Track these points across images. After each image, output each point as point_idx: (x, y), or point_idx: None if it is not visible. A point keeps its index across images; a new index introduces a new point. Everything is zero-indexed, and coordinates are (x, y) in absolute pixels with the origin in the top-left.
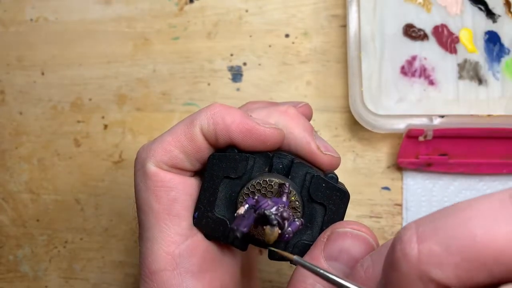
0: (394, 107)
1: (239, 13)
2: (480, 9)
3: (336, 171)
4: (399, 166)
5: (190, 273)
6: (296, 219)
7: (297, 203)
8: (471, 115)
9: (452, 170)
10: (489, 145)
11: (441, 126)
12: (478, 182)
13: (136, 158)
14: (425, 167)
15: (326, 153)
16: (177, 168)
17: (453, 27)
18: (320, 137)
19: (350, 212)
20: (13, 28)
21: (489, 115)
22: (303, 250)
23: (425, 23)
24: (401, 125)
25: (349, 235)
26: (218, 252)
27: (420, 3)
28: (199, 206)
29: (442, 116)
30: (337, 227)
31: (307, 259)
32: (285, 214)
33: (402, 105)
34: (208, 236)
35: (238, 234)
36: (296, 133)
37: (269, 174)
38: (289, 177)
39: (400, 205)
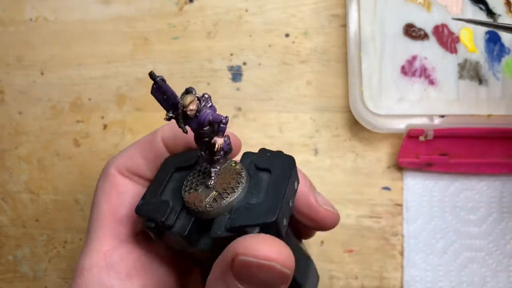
0: (394, 107)
1: (239, 13)
2: (481, 8)
3: (336, 171)
4: (399, 166)
5: (118, 276)
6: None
7: (238, 167)
8: (472, 115)
9: (453, 170)
10: (489, 145)
11: (441, 126)
12: (478, 182)
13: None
14: (426, 167)
15: (324, 206)
16: (136, 175)
17: (453, 27)
18: (320, 193)
19: (350, 212)
20: (12, 27)
21: (489, 115)
22: (246, 209)
23: (426, 22)
24: (401, 125)
25: (254, 266)
26: (152, 263)
27: (420, 2)
28: (145, 196)
29: (443, 116)
30: (241, 250)
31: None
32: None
33: (403, 105)
34: (148, 221)
35: (157, 79)
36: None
37: None
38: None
39: (401, 205)
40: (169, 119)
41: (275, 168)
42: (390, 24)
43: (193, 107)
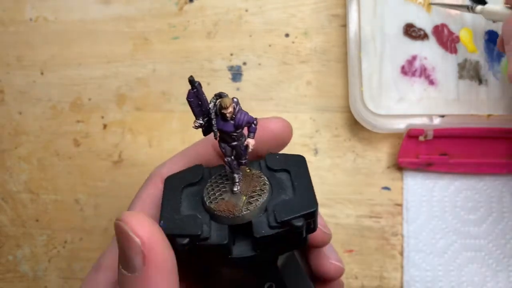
0: (394, 107)
1: (239, 13)
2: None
3: (336, 171)
4: (399, 166)
5: None
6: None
7: (256, 171)
8: (471, 115)
9: (453, 170)
10: (489, 145)
11: (441, 126)
12: (478, 182)
13: None
14: (426, 167)
15: (332, 261)
16: None
17: (453, 27)
18: (331, 244)
19: (350, 212)
20: (12, 27)
21: (489, 115)
22: (284, 205)
23: (425, 22)
24: (401, 125)
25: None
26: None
27: (420, 2)
28: (163, 215)
29: (443, 116)
30: (120, 217)
31: None
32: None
33: (402, 105)
34: (180, 238)
35: (196, 84)
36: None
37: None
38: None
39: (401, 205)
40: (198, 126)
41: (291, 167)
42: (390, 24)
43: (231, 109)
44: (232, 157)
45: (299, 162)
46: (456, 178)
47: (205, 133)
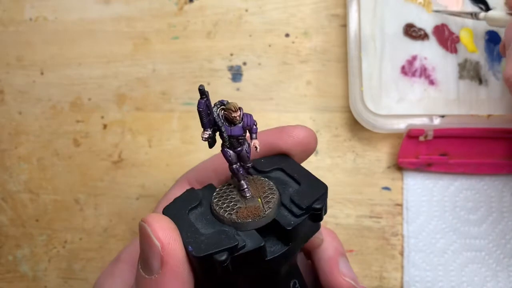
0: (394, 107)
1: (239, 13)
2: (481, 8)
3: (336, 171)
4: (399, 166)
5: None
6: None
7: (262, 179)
8: (471, 115)
9: (452, 170)
10: (489, 145)
11: (441, 126)
12: (478, 182)
13: None
14: (426, 167)
15: (346, 278)
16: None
17: (453, 27)
18: (346, 260)
19: (350, 212)
20: (12, 27)
21: (489, 115)
22: (299, 194)
23: (426, 22)
24: (401, 125)
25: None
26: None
27: (420, 2)
28: (188, 241)
29: (443, 116)
30: (143, 218)
31: None
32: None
33: (403, 105)
34: (218, 254)
35: (207, 92)
36: (327, 247)
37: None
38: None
39: (401, 205)
40: (207, 138)
41: (281, 164)
42: (390, 24)
43: (239, 112)
44: (239, 163)
45: (285, 158)
46: (456, 178)
47: (211, 145)
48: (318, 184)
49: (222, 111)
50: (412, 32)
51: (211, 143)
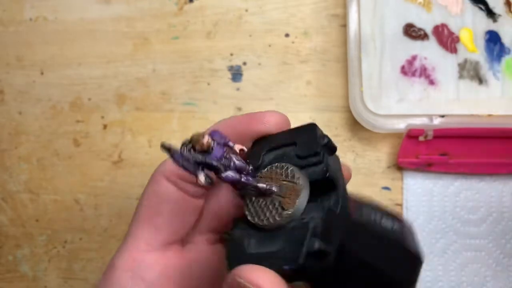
0: (394, 106)
1: (239, 13)
2: (481, 8)
3: None
4: (399, 166)
5: (142, 283)
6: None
7: (266, 167)
8: (472, 115)
9: (452, 170)
10: (489, 145)
11: (441, 126)
12: (478, 182)
13: None
14: (426, 167)
15: None
16: (186, 181)
17: (453, 27)
18: None
19: None
20: (12, 27)
21: (489, 115)
22: (308, 145)
23: (426, 22)
24: (401, 125)
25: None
26: (179, 277)
27: (420, 2)
28: (274, 262)
29: (443, 116)
30: (237, 273)
31: None
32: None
33: (402, 105)
34: (309, 246)
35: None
36: None
37: None
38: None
39: (401, 205)
40: (210, 182)
41: (264, 148)
42: (390, 24)
43: (206, 138)
44: (242, 175)
45: (261, 141)
46: (456, 178)
47: (212, 183)
48: (308, 128)
49: (192, 149)
50: (412, 32)
51: (211, 182)
